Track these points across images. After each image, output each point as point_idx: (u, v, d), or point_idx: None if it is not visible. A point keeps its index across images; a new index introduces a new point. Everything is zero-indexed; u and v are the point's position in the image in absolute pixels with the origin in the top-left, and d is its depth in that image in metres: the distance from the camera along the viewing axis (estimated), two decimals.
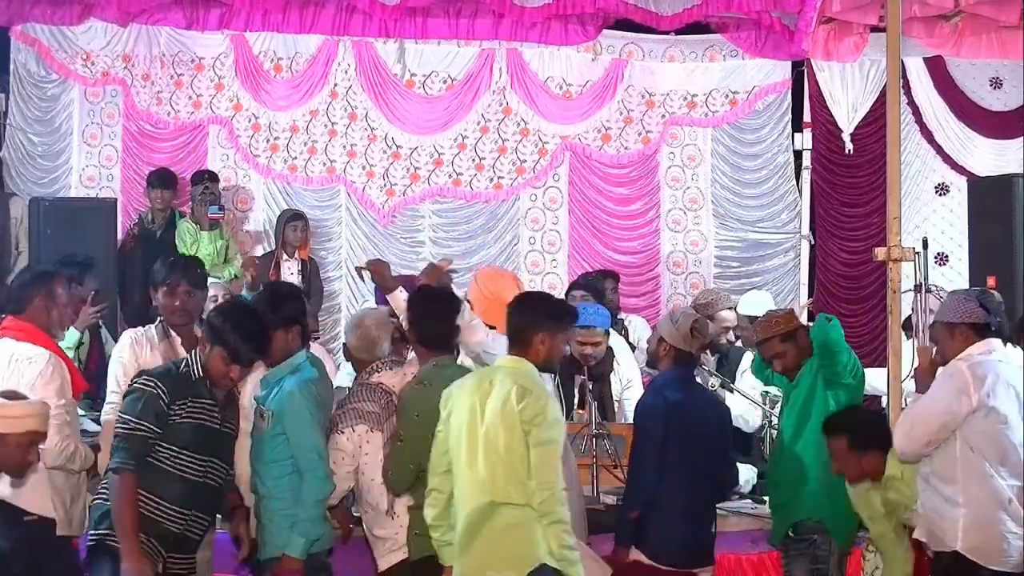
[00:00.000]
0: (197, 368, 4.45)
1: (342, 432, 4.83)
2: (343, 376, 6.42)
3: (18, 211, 8.52)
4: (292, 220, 8.93)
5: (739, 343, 7.19)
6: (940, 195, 9.85)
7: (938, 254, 9.49)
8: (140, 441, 4.31)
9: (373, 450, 4.84)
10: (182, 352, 4.91)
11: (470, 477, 4.35)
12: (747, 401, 6.40)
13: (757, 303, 7.63)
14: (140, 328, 5.21)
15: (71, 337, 6.58)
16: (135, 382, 4.42)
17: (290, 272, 8.76)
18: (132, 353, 5.02)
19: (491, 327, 5.13)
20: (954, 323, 4.87)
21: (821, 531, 5.19)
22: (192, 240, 8.64)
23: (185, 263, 5.24)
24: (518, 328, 4.54)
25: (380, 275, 5.31)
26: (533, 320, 4.53)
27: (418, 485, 4.65)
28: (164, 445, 4.36)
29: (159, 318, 5.17)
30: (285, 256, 8.86)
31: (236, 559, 4.81)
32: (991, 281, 7.36)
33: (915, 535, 4.90)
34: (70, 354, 5.93)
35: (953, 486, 4.66)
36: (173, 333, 5.08)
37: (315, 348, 5.93)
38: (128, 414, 4.34)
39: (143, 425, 4.31)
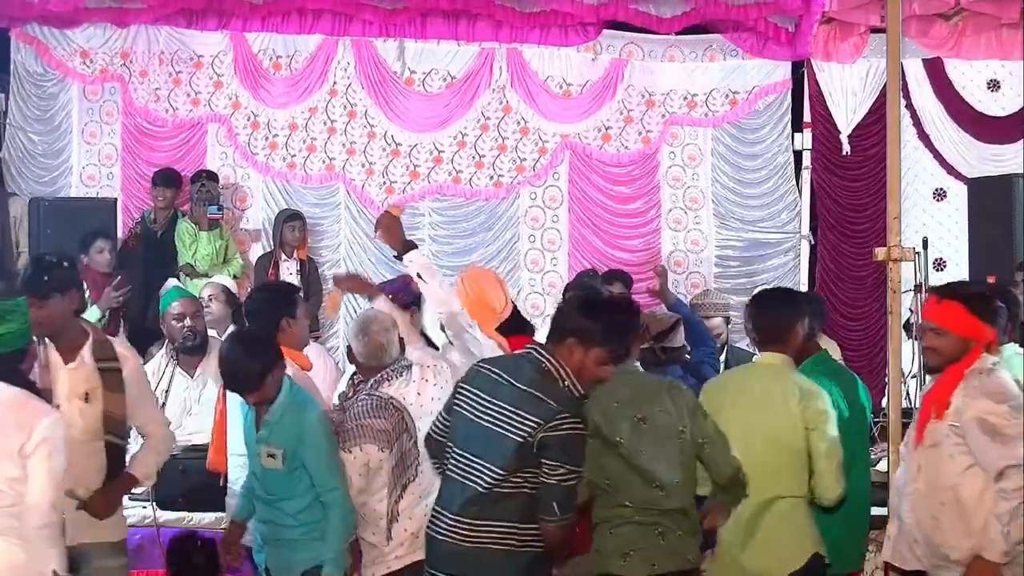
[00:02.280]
0: None
1: (350, 451, 4.58)
2: (345, 380, 6.40)
3: (18, 210, 8.53)
4: (290, 220, 8.93)
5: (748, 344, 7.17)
6: (937, 200, 9.85)
7: (936, 260, 9.50)
8: None
9: (383, 473, 4.63)
10: (54, 360, 4.54)
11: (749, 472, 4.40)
12: None
13: None
14: None
15: (93, 315, 6.64)
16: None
17: (289, 272, 8.76)
18: None
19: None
20: None
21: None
22: (191, 240, 8.65)
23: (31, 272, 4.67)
24: (779, 323, 4.68)
25: (358, 289, 5.27)
26: (798, 312, 4.69)
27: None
28: None
29: None
30: (284, 256, 8.86)
31: None
32: (991, 281, 7.35)
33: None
34: None
35: None
36: (48, 342, 4.63)
37: (314, 348, 5.88)
38: None
39: None
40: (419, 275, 4.86)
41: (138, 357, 4.92)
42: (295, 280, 8.61)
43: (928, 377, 4.94)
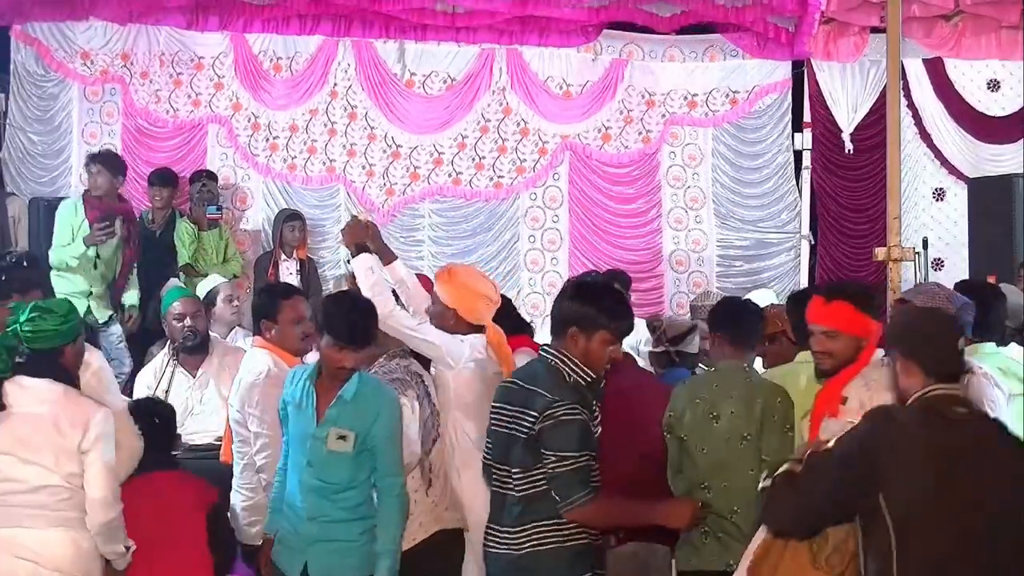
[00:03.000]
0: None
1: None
2: None
3: (15, 210, 8.51)
4: (290, 220, 8.92)
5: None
6: (937, 200, 9.85)
7: (936, 260, 9.49)
8: None
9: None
10: None
11: None
12: None
13: (761, 302, 7.62)
14: None
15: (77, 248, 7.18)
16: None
17: (288, 272, 8.74)
18: None
19: (478, 328, 5.00)
20: None
21: None
22: (191, 241, 8.64)
23: None
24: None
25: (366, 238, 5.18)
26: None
27: None
28: None
29: None
30: (283, 256, 8.85)
31: None
32: (991, 280, 7.36)
33: None
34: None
35: None
36: None
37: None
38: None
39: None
40: (353, 274, 4.92)
41: (102, 360, 5.01)
42: (295, 280, 8.61)
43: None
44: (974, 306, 4.86)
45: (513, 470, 4.12)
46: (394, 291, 5.05)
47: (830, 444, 3.41)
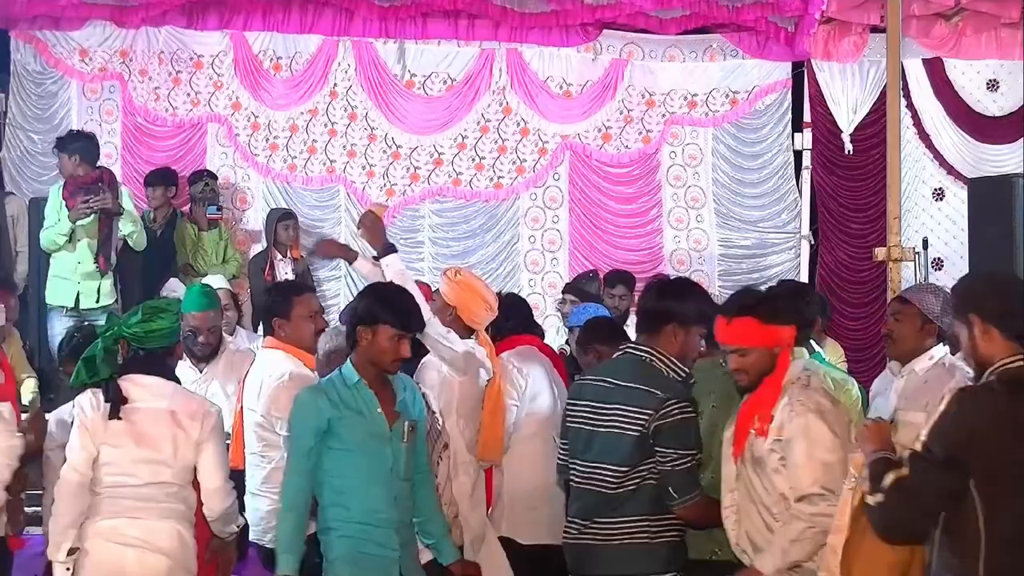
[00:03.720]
0: None
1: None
2: None
3: (14, 210, 8.50)
4: (283, 219, 8.88)
5: None
6: (937, 200, 9.85)
7: (936, 260, 9.49)
8: None
9: None
10: None
11: None
12: None
13: None
14: None
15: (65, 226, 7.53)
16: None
17: (285, 272, 8.72)
18: None
19: (471, 330, 5.01)
20: None
21: None
22: (192, 240, 8.64)
23: None
24: None
25: (336, 253, 5.23)
26: None
27: None
28: None
29: None
30: (278, 256, 8.82)
31: None
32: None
33: None
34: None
35: None
36: None
37: None
38: None
39: None
40: (391, 281, 4.84)
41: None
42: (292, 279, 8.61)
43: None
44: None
45: (613, 467, 4.24)
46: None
47: (923, 437, 3.37)
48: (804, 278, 9.77)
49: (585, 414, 4.38)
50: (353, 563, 4.27)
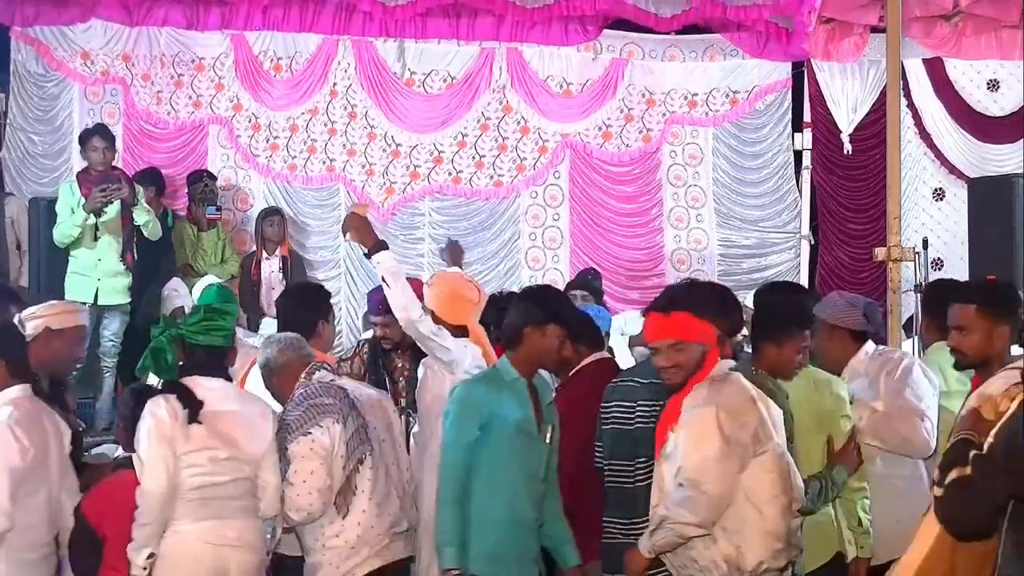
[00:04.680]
0: None
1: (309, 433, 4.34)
2: None
3: (13, 211, 8.49)
4: (268, 216, 8.89)
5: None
6: (937, 200, 9.87)
7: (935, 259, 9.50)
8: None
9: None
10: None
11: None
12: None
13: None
14: None
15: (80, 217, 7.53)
16: None
17: (271, 269, 8.72)
18: None
19: (461, 328, 4.99)
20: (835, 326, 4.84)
21: None
22: (191, 241, 8.64)
23: None
24: None
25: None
26: None
27: None
28: None
29: None
30: (265, 254, 8.80)
31: None
32: (991, 279, 7.35)
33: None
34: None
35: None
36: None
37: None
38: None
39: None
40: (383, 278, 4.78)
41: None
42: (278, 277, 8.61)
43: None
44: (879, 306, 4.93)
45: (645, 462, 4.29)
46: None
47: (989, 439, 3.36)
48: (804, 278, 9.79)
49: (616, 414, 4.48)
50: (496, 561, 4.34)
